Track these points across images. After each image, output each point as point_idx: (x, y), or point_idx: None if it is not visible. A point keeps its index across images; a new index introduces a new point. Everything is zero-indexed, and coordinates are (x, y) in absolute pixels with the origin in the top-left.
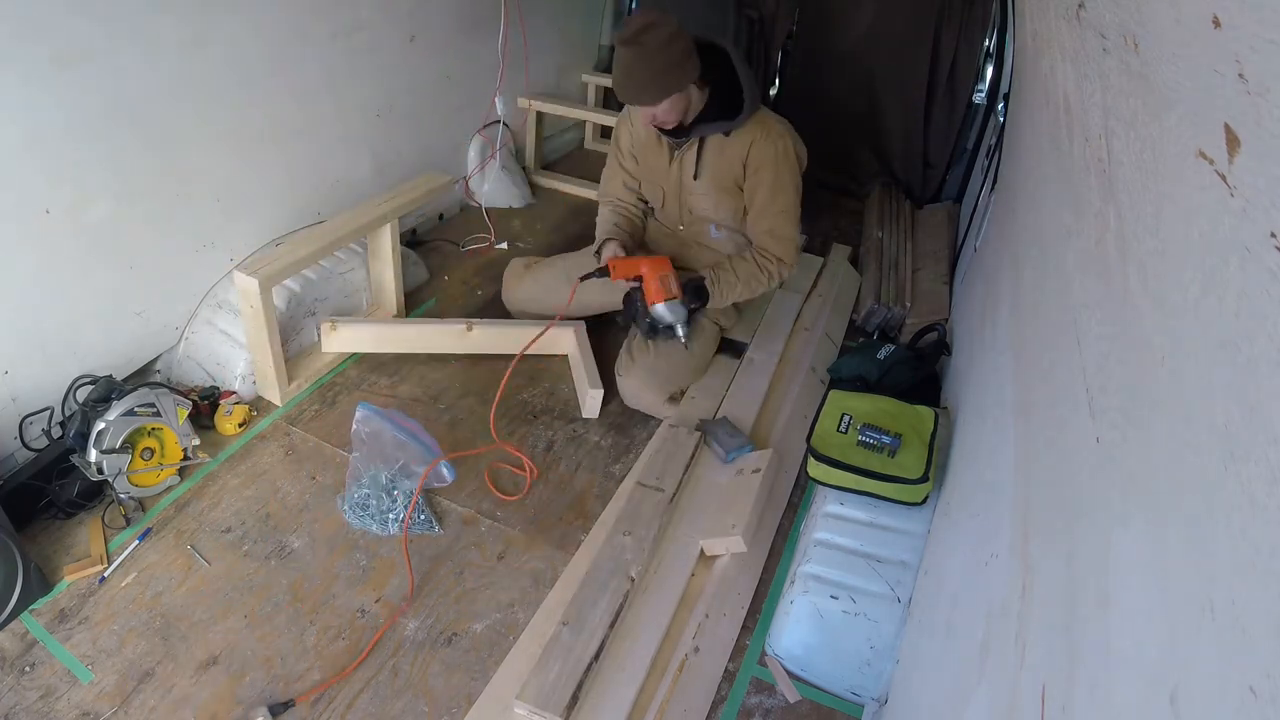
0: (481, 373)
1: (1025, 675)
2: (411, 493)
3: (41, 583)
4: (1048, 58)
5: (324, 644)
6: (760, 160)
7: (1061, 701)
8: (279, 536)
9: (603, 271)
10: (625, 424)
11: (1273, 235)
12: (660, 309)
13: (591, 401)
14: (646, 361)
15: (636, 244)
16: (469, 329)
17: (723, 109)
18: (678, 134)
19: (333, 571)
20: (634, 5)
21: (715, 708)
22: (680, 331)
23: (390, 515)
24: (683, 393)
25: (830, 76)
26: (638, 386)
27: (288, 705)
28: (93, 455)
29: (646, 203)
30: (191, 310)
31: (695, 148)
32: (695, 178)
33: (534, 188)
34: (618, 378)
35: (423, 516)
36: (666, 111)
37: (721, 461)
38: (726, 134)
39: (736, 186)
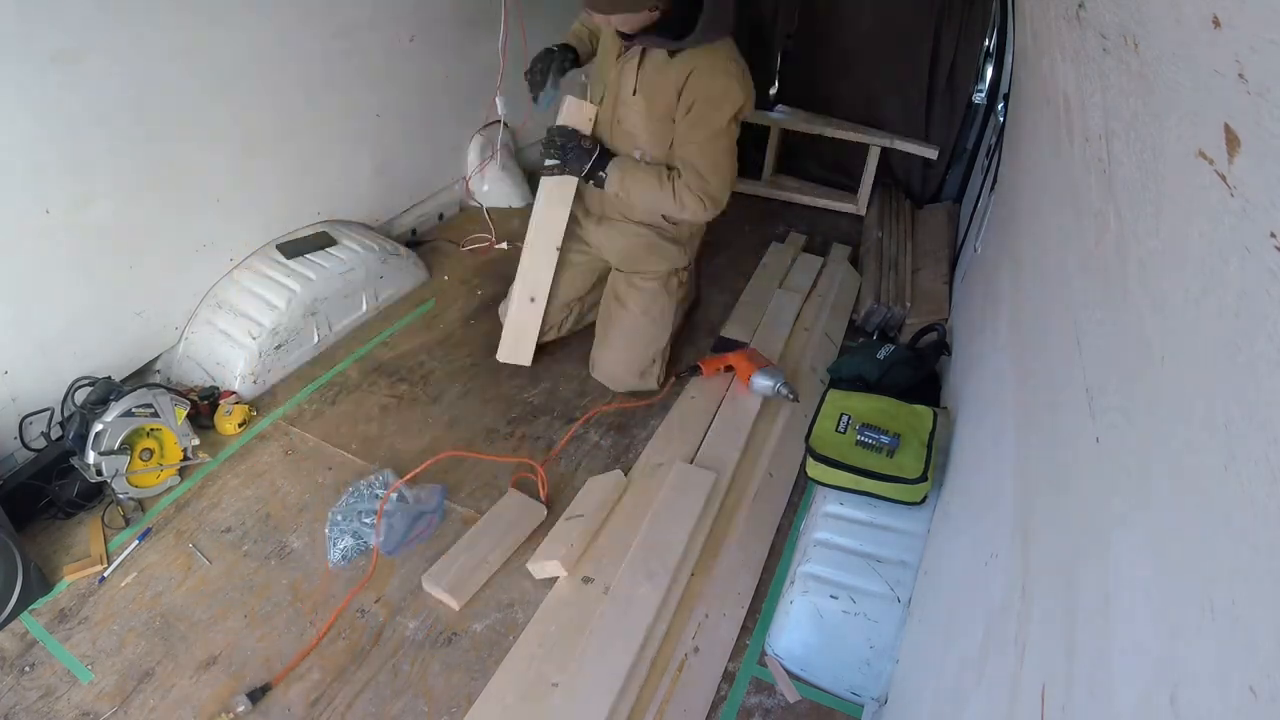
0: (481, 372)
1: (1025, 675)
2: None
3: (41, 583)
4: (1048, 58)
5: (323, 644)
6: (695, 92)
7: (1061, 701)
8: (279, 536)
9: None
10: (625, 424)
11: (1273, 235)
12: (756, 381)
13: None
14: (614, 342)
15: (589, 43)
16: None
17: (676, 28)
18: (626, 38)
19: (333, 571)
20: None
21: (715, 708)
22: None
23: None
24: (663, 353)
25: (830, 76)
26: (615, 367)
27: (265, 689)
28: (91, 457)
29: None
30: (191, 310)
31: (637, 60)
32: (633, 92)
33: (534, 187)
34: (591, 365)
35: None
36: (623, 20)
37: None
38: (671, 55)
39: (669, 113)
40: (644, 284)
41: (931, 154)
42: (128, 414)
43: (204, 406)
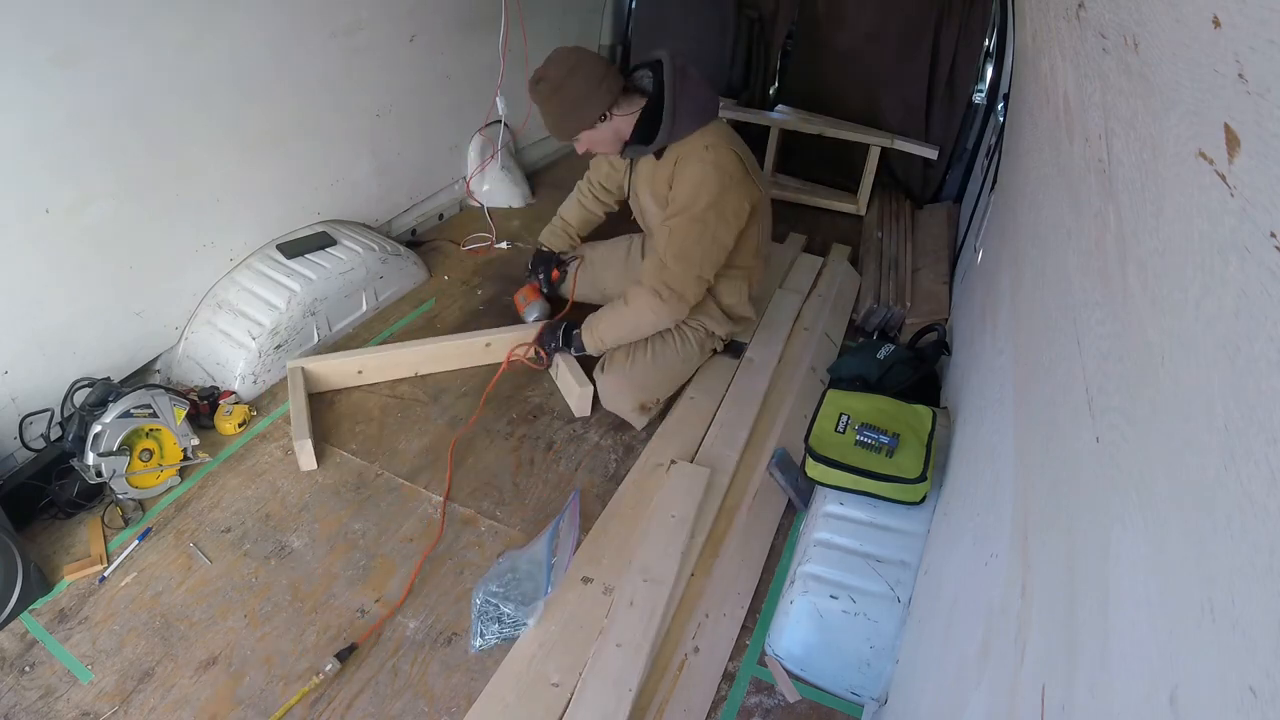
0: (481, 371)
1: (1025, 675)
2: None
3: (41, 583)
4: (1048, 58)
5: (324, 644)
6: (680, 181)
7: (1061, 701)
8: (279, 536)
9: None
10: (625, 424)
11: (1273, 235)
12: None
13: (580, 401)
14: (623, 368)
15: (580, 229)
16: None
17: (649, 131)
18: (622, 151)
19: (333, 571)
20: (633, 4)
21: (715, 708)
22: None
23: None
24: (658, 402)
25: (830, 76)
26: (612, 389)
27: (351, 648)
28: (91, 458)
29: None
30: (191, 310)
31: (630, 167)
32: (635, 195)
33: (534, 187)
34: (595, 378)
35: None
36: (590, 144)
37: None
38: (658, 155)
39: (663, 201)
40: (690, 327)
41: (931, 154)
42: (126, 415)
43: (204, 406)
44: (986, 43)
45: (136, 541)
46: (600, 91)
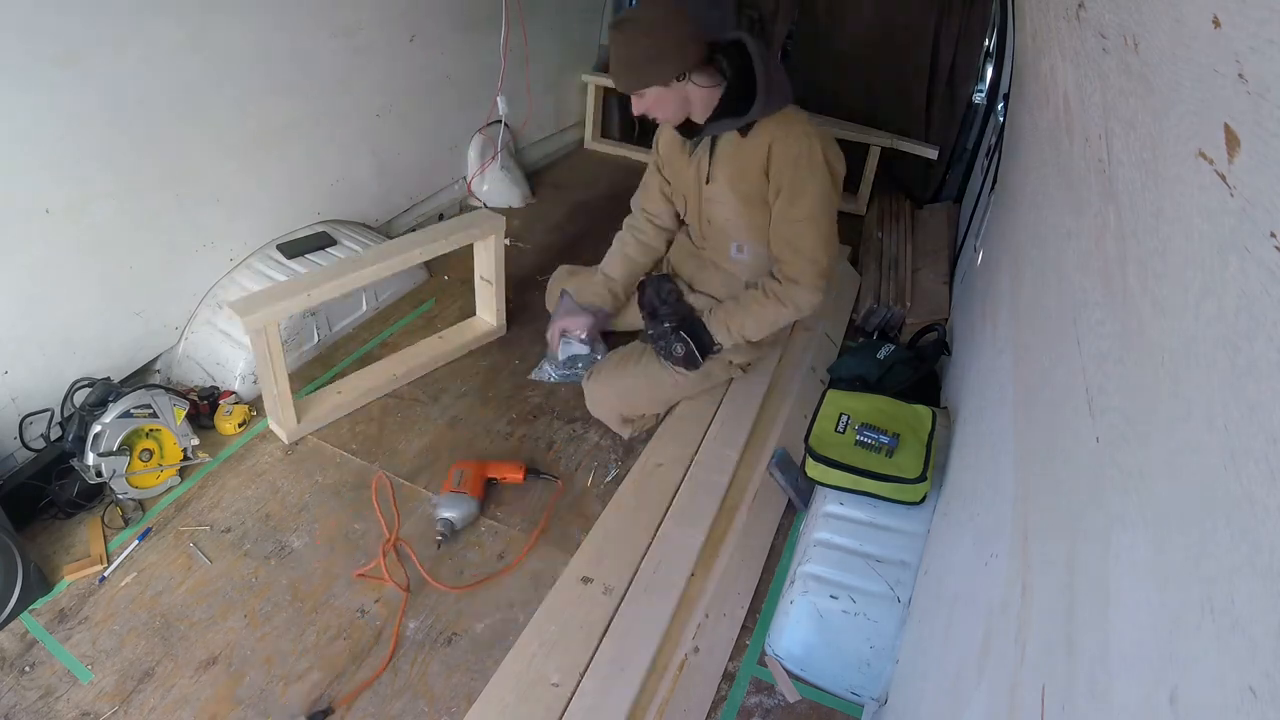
0: (481, 370)
1: (1025, 675)
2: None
3: (41, 583)
4: (1048, 58)
5: (323, 644)
6: (781, 160)
7: (1061, 701)
8: (279, 536)
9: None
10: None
11: (1273, 235)
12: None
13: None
14: (610, 379)
15: (626, 286)
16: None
17: (738, 106)
18: (690, 132)
19: (333, 571)
20: (633, 4)
21: (715, 708)
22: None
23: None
24: (643, 418)
25: (830, 76)
26: (597, 397)
27: (327, 713)
28: (91, 459)
29: (682, 220)
30: (191, 310)
31: (708, 148)
32: (708, 181)
33: (534, 187)
34: (583, 383)
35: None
36: (654, 104)
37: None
38: (742, 133)
39: (760, 196)
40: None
41: (931, 154)
42: (126, 415)
43: (204, 406)
44: (986, 43)
45: (136, 541)
46: (688, 48)
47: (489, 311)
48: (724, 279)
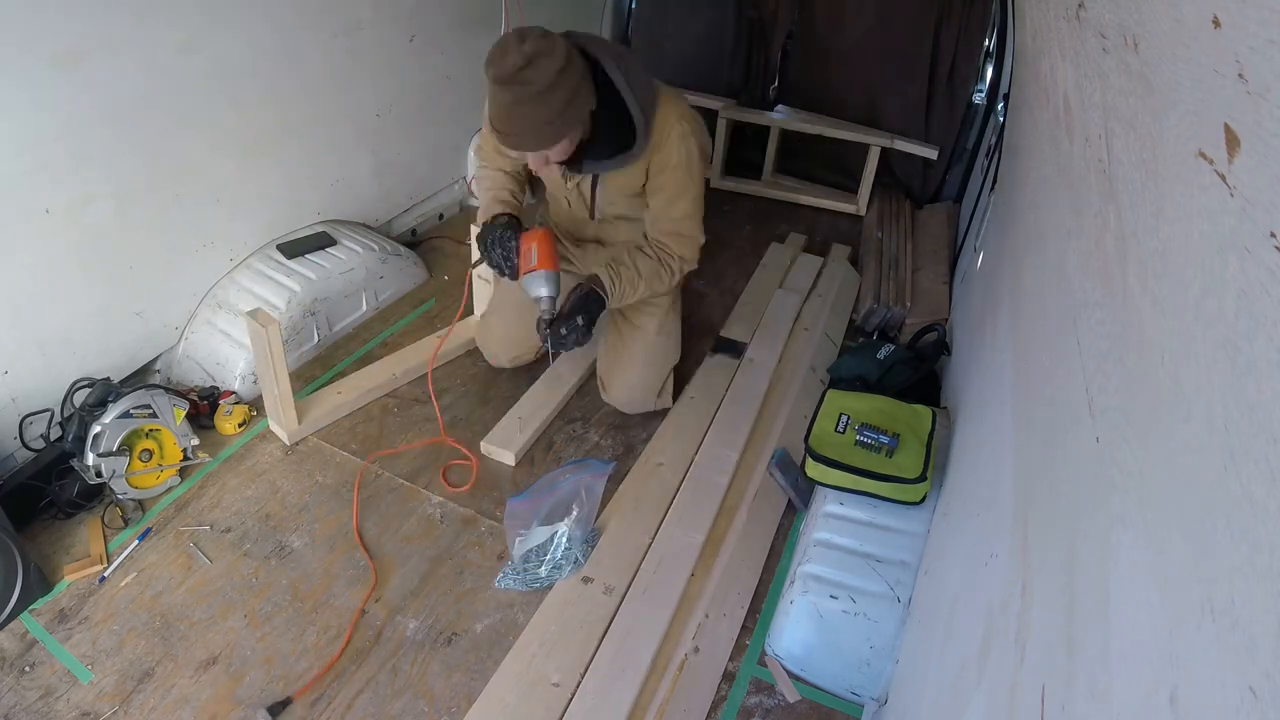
0: (480, 371)
1: (1025, 675)
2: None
3: (41, 583)
4: (1048, 58)
5: (323, 644)
6: (661, 166)
7: (1061, 701)
8: (279, 536)
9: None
10: (625, 424)
11: (1273, 235)
12: (528, 279)
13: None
14: (626, 369)
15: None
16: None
17: (613, 137)
18: (569, 164)
19: (333, 571)
20: (633, 3)
21: (715, 708)
22: (542, 303)
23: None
24: (668, 380)
25: (830, 76)
26: (629, 391)
27: (285, 704)
28: (90, 459)
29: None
30: (191, 310)
31: (589, 181)
32: (593, 215)
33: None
34: (602, 392)
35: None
36: (561, 153)
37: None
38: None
39: (641, 190)
40: (656, 302)
41: (931, 154)
42: (125, 415)
43: (204, 406)
44: (986, 43)
45: (136, 541)
46: (587, 87)
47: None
48: (620, 240)
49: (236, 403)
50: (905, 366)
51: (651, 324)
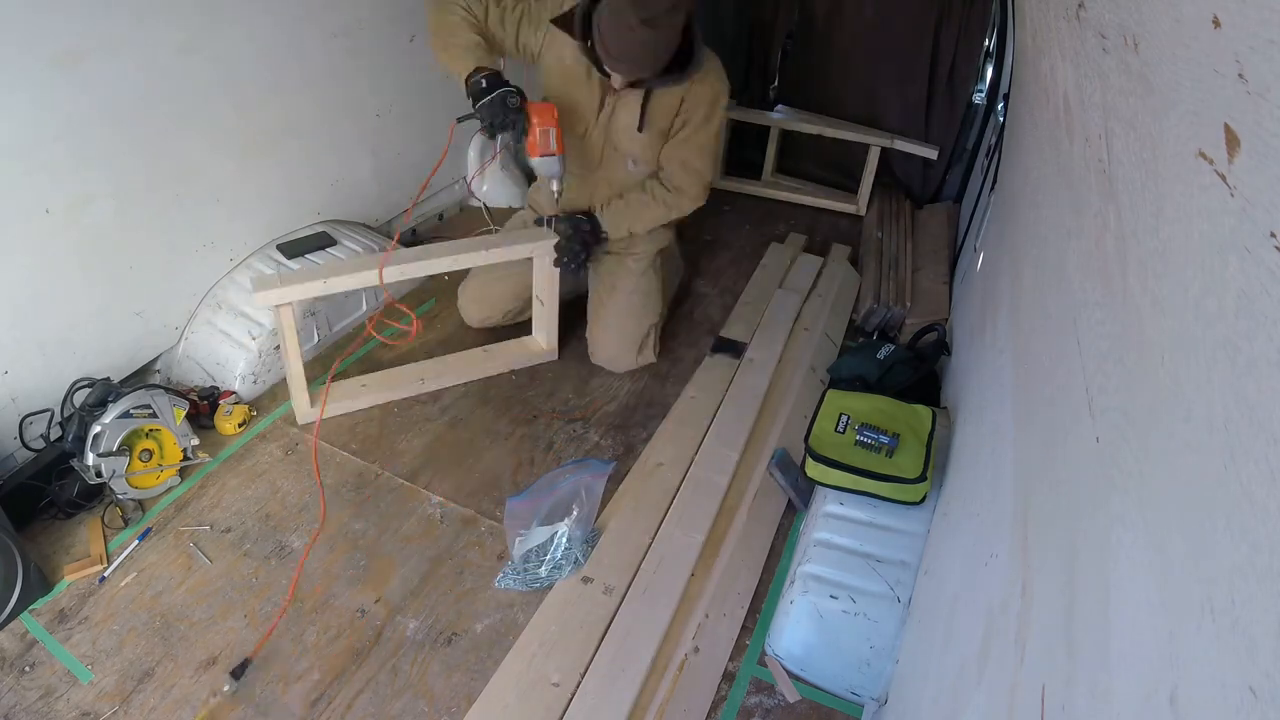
0: (484, 376)
1: (1025, 675)
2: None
3: (41, 583)
4: (1048, 58)
5: (324, 644)
6: (696, 101)
7: (1061, 701)
8: (279, 536)
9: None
10: (625, 424)
11: (1273, 235)
12: (537, 163)
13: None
14: (612, 321)
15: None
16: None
17: (673, 60)
18: (634, 83)
19: (333, 572)
20: None
21: (715, 708)
22: (555, 186)
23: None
24: (649, 336)
25: (830, 76)
26: (609, 347)
27: (245, 665)
28: (90, 459)
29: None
30: (191, 310)
31: (640, 99)
32: (640, 129)
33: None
34: (591, 356)
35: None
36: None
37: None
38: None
39: (667, 127)
40: (634, 264)
41: (931, 154)
42: (125, 415)
43: (204, 406)
44: (986, 43)
45: (136, 541)
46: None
47: (542, 333)
48: (616, 185)
49: (236, 403)
50: (905, 366)
51: (628, 281)
